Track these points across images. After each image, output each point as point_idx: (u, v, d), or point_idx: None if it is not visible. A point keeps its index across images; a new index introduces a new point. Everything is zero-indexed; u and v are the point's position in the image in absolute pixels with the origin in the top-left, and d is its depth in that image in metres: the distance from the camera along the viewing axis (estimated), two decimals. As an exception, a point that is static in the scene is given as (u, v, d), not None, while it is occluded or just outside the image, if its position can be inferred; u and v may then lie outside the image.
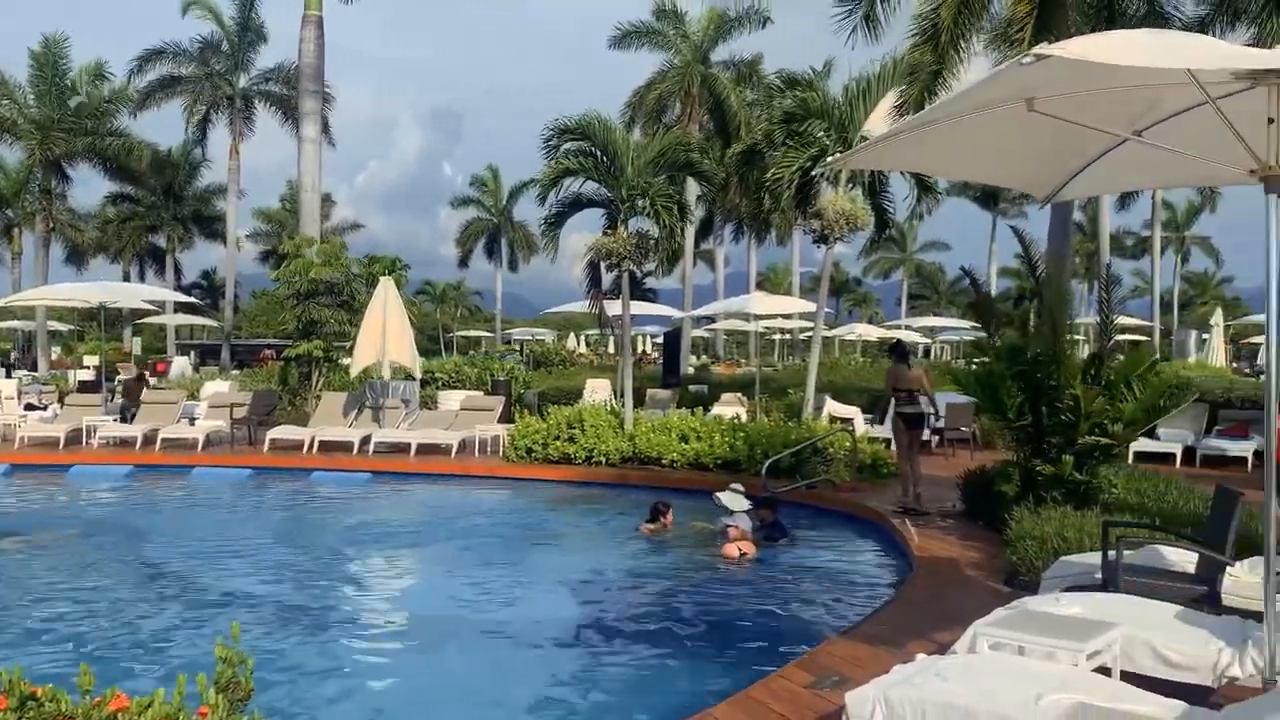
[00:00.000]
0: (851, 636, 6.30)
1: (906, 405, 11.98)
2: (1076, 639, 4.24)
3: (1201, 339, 33.42)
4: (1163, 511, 8.18)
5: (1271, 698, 3.65)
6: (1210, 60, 3.49)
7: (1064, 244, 15.88)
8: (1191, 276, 68.31)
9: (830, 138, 14.58)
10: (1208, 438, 15.58)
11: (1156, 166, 5.41)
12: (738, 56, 34.57)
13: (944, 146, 5.06)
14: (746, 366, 35.35)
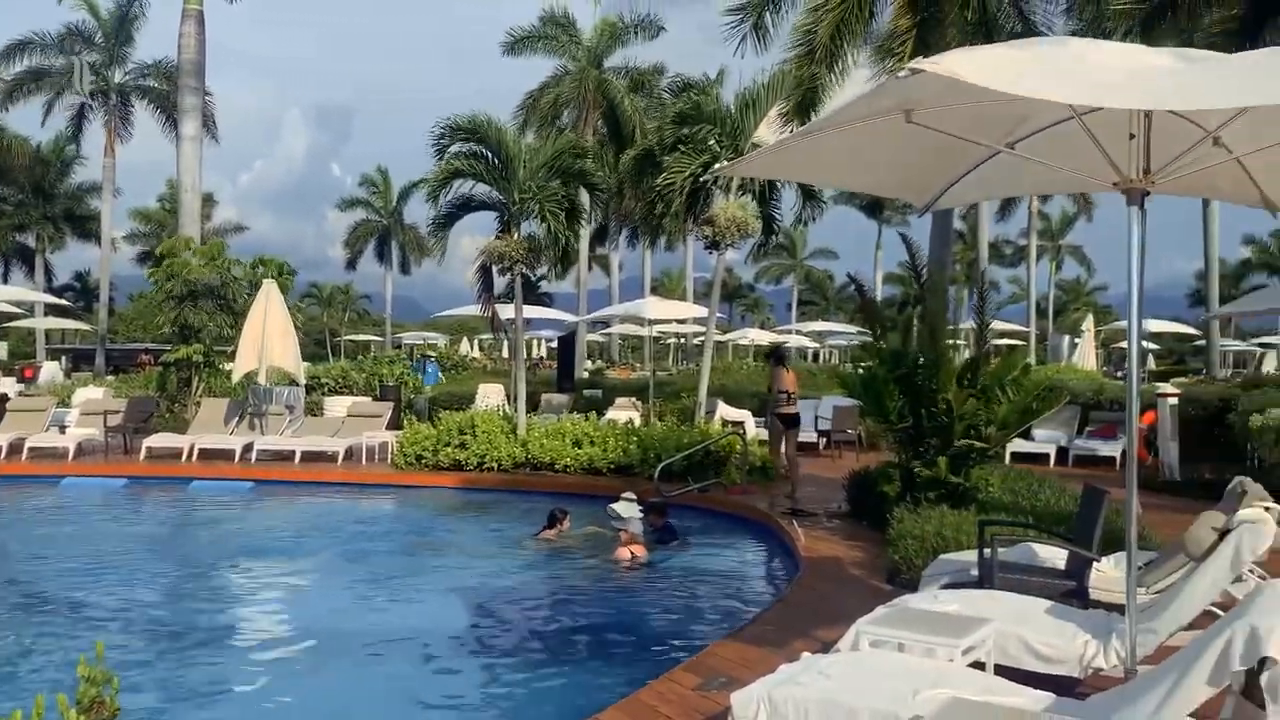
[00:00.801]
0: (739, 637, 6.37)
1: (786, 406, 12.60)
2: (952, 635, 4.37)
3: (1074, 344, 34.88)
4: (1036, 510, 8.50)
5: (1130, 686, 3.82)
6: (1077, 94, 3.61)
7: (944, 251, 16.41)
8: (1065, 284, 71.21)
9: (722, 145, 14.76)
10: (1079, 438, 16.29)
11: (1031, 175, 5.61)
12: (632, 63, 34.75)
13: (829, 156, 5.14)
14: (641, 371, 35.50)
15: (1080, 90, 3.56)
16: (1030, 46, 4.17)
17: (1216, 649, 3.22)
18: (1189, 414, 15.30)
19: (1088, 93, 3.57)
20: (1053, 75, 3.59)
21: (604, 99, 32.47)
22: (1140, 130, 4.12)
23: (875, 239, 56.67)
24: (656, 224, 16.64)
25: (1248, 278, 57.46)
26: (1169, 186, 5.12)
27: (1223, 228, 28.84)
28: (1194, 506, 5.62)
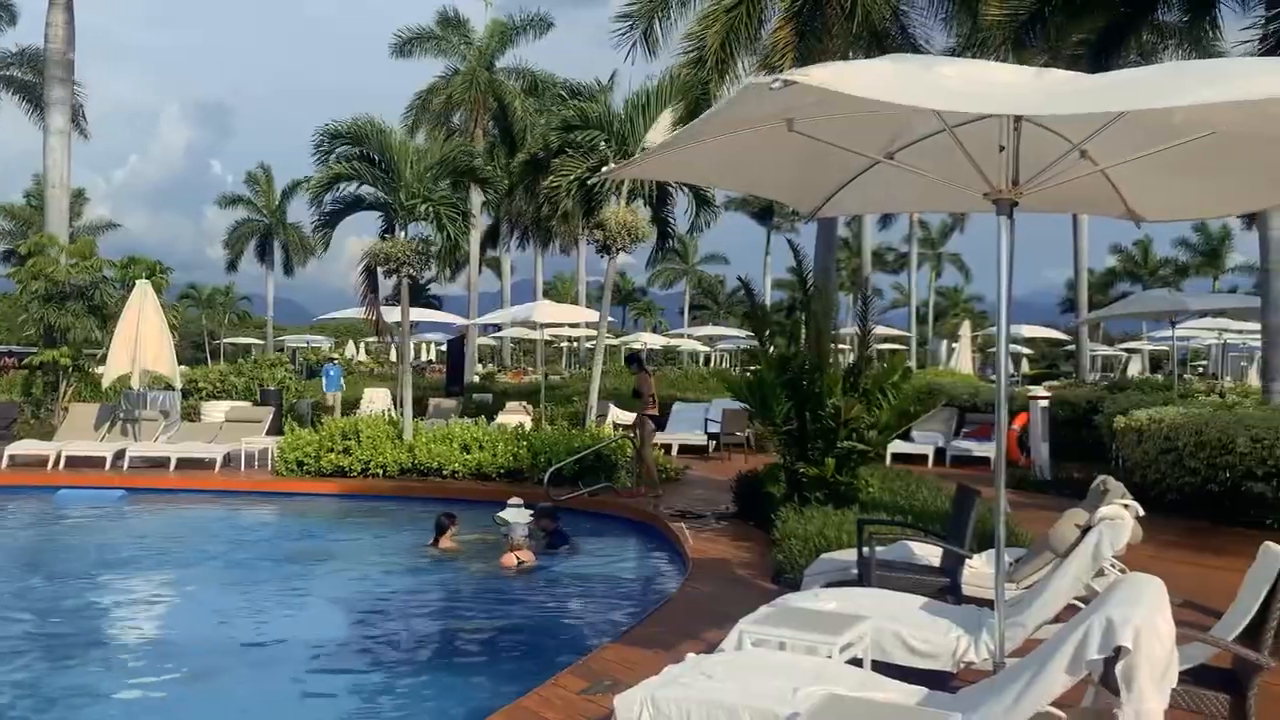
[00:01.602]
0: (626, 640, 6.39)
1: (651, 408, 13.35)
2: (831, 633, 4.46)
3: (951, 348, 36.07)
4: (914, 509, 8.76)
5: (998, 678, 3.96)
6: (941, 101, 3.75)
7: (829, 258, 16.77)
8: (945, 290, 73.63)
9: (611, 149, 14.80)
10: (956, 439, 16.85)
11: (910, 189, 5.76)
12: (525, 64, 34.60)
13: (721, 159, 5.19)
14: (533, 374, 35.33)
15: (942, 98, 3.69)
16: (900, 61, 4.29)
17: (1075, 640, 3.36)
18: (1059, 416, 16.00)
19: (945, 100, 3.71)
20: (919, 86, 3.71)
21: (495, 100, 32.26)
22: (1009, 143, 4.28)
23: (765, 245, 57.65)
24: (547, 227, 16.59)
25: (1115, 286, 60.41)
26: (1041, 203, 5.36)
27: (1091, 239, 30.30)
28: (1063, 504, 5.87)
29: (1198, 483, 10.96)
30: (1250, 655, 3.92)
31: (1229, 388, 22.47)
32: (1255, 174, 4.64)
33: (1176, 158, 4.39)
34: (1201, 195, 5.14)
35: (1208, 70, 4.15)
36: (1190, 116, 4.00)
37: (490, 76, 32.42)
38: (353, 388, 25.17)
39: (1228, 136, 4.07)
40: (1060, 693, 3.38)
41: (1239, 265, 55.39)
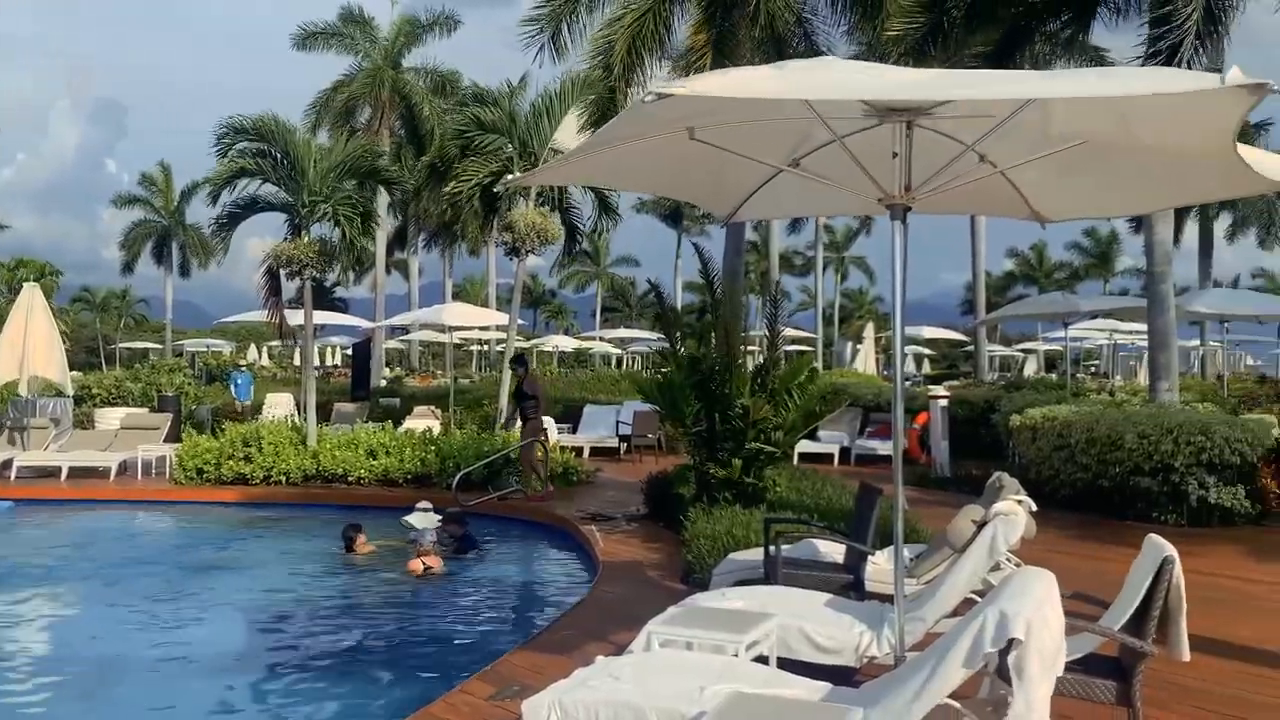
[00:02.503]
0: (535, 645, 6.36)
1: (541, 408, 13.55)
2: (737, 631, 4.51)
3: (856, 349, 36.79)
4: (819, 507, 8.90)
5: (898, 672, 4.05)
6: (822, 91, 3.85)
7: (737, 261, 16.92)
8: (850, 293, 75.06)
9: (514, 152, 14.73)
10: (861, 439, 17.19)
11: (815, 194, 5.86)
12: (432, 64, 34.17)
13: (635, 164, 5.20)
14: (442, 378, 34.92)
15: (810, 90, 3.80)
16: (783, 66, 4.37)
17: (971, 633, 3.45)
18: (958, 415, 16.44)
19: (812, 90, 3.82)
20: (795, 83, 3.82)
21: (402, 100, 31.80)
22: (902, 149, 4.39)
23: (676, 248, 58.01)
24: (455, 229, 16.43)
25: (1011, 288, 62.45)
26: (952, 202, 5.51)
27: (989, 243, 31.23)
28: (962, 501, 6.03)
29: (1089, 478, 11.38)
30: (1134, 643, 4.09)
31: (1119, 386, 23.39)
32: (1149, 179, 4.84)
33: (1074, 162, 4.57)
34: (1101, 195, 5.34)
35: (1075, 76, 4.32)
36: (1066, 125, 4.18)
37: (397, 75, 31.95)
38: (255, 393, 24.54)
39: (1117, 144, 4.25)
40: (958, 684, 3.46)
41: (1128, 268, 57.77)
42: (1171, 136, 4.06)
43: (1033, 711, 3.35)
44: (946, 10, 14.68)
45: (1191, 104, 3.55)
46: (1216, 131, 3.58)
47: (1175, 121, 3.91)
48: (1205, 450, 10.49)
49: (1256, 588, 8.10)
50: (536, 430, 13.37)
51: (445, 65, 34.35)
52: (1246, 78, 3.02)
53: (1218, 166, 3.91)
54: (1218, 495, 10.55)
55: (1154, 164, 4.37)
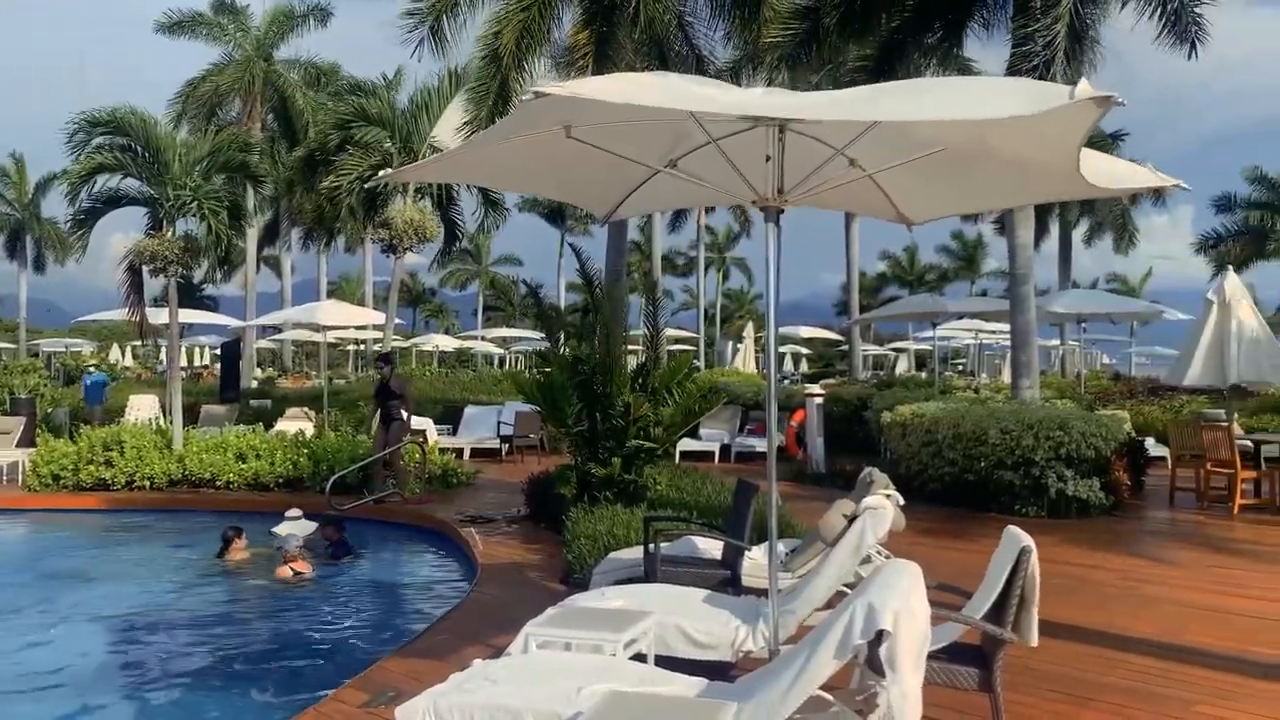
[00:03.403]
0: (410, 650, 6.24)
1: (409, 408, 13.37)
2: (615, 630, 4.52)
3: (737, 348, 37.32)
4: (699, 505, 8.99)
5: (771, 665, 4.12)
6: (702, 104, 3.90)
7: (619, 261, 17.00)
8: (731, 293, 76.16)
9: (394, 147, 14.45)
10: (741, 436, 17.47)
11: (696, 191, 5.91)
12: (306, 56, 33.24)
13: (512, 163, 5.15)
14: (316, 379, 33.99)
15: (694, 103, 3.85)
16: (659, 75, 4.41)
17: (841, 626, 3.54)
18: (834, 412, 16.87)
19: (697, 103, 3.87)
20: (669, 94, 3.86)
21: (275, 92, 30.85)
22: (775, 152, 4.47)
23: (559, 247, 57.82)
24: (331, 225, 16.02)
25: (884, 289, 64.42)
26: (826, 201, 5.62)
27: (863, 245, 32.12)
28: (837, 496, 6.15)
29: (956, 473, 11.81)
30: (995, 631, 4.26)
31: (984, 384, 24.36)
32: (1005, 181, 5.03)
33: (935, 166, 4.72)
34: (959, 196, 5.53)
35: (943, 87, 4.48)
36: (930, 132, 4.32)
37: (268, 67, 30.97)
38: (117, 395, 23.42)
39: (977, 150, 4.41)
40: (829, 675, 3.54)
41: (993, 270, 60.21)
42: (1027, 144, 4.23)
43: (905, 700, 3.44)
44: (821, 19, 15.03)
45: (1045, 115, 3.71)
46: (1068, 138, 3.75)
47: (1031, 130, 4.08)
48: (1063, 445, 11.01)
49: (1106, 575, 8.53)
50: (404, 430, 13.17)
51: (321, 58, 33.51)
52: (1094, 91, 3.18)
53: (1067, 172, 4.10)
54: (1075, 488, 11.08)
55: (1011, 168, 4.54)
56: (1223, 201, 36.52)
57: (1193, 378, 12.73)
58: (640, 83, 4.28)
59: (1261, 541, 10.10)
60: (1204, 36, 14.96)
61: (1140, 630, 6.63)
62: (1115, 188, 4.20)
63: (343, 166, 14.33)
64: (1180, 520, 11.47)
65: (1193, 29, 14.86)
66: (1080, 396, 18.44)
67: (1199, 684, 5.53)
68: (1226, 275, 13.17)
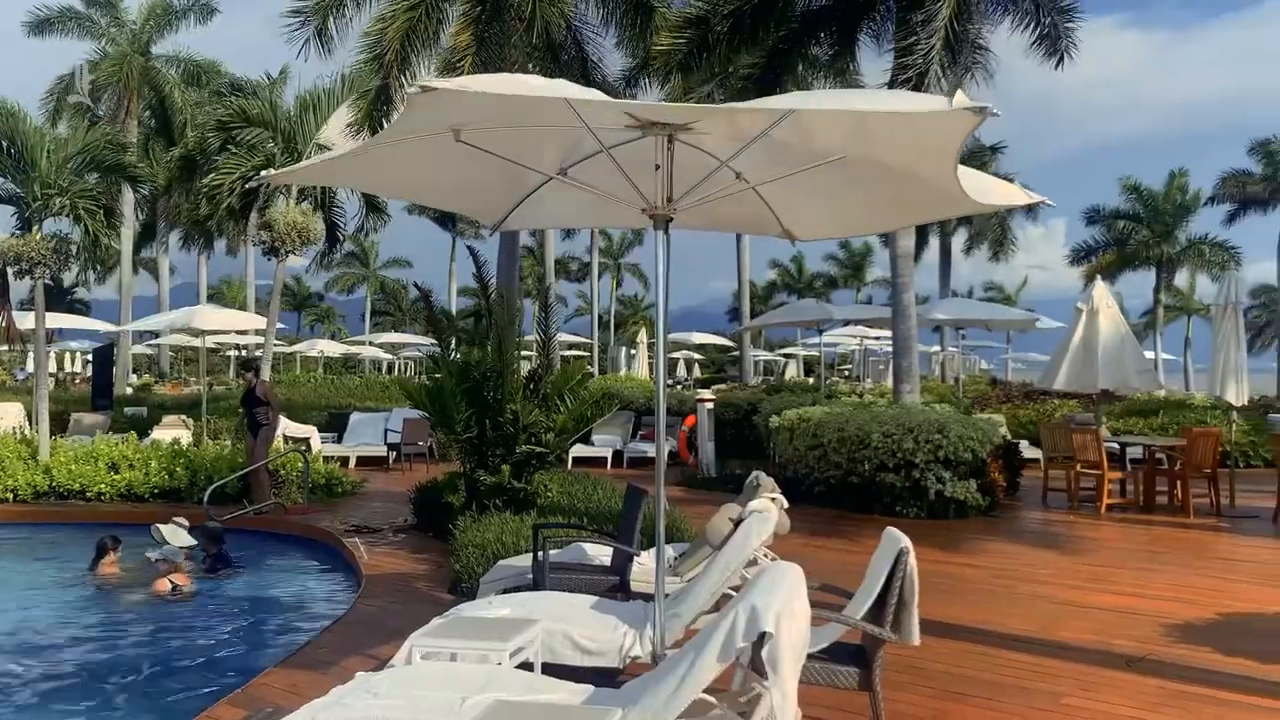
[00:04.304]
0: (291, 664, 6.07)
1: (276, 415, 13.13)
2: (501, 639, 4.48)
3: (631, 354, 37.52)
4: (590, 510, 9.00)
5: (659, 670, 4.13)
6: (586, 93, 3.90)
7: (512, 266, 16.91)
8: (626, 299, 76.49)
9: (278, 148, 14.07)
10: (633, 441, 17.53)
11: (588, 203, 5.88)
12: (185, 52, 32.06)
13: (397, 170, 5.04)
14: (196, 385, 32.80)
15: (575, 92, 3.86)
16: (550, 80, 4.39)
17: (724, 629, 3.57)
18: (725, 417, 17.09)
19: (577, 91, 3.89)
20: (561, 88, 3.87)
21: (152, 89, 29.72)
22: (664, 161, 4.50)
23: (450, 251, 57.16)
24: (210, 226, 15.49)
25: (774, 296, 65.55)
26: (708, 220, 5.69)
27: (754, 254, 32.70)
28: (727, 500, 6.24)
29: (841, 475, 12.09)
30: (874, 630, 4.36)
31: (868, 389, 25.01)
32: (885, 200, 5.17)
33: (821, 183, 4.82)
34: (844, 217, 5.67)
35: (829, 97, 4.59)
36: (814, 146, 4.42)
37: (145, 63, 29.81)
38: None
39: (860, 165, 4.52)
40: (713, 678, 3.57)
41: (877, 279, 61.90)
42: (907, 157, 4.36)
43: (786, 701, 3.49)
44: (711, 27, 15.22)
45: (924, 125, 3.84)
46: (944, 151, 3.88)
47: (911, 143, 4.21)
48: (942, 448, 11.36)
49: (983, 573, 8.83)
50: (271, 438, 12.85)
51: (202, 55, 32.38)
52: (970, 101, 3.31)
53: (945, 188, 4.24)
54: (953, 489, 11.45)
55: (892, 185, 4.67)
56: (1093, 214, 38.34)
57: (1062, 382, 13.32)
58: (529, 83, 4.25)
59: (1126, 540, 10.60)
60: (1074, 51, 15.71)
61: (1014, 627, 6.88)
62: (989, 203, 4.36)
63: (223, 166, 13.86)
64: (1052, 520, 11.95)
65: (1063, 43, 15.60)
66: (959, 401, 19.07)
67: (1066, 676, 5.77)
68: (1095, 285, 13.82)
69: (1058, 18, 15.56)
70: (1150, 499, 12.61)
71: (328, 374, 46.28)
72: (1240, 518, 11.83)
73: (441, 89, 3.36)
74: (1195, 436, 12.20)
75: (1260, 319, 56.46)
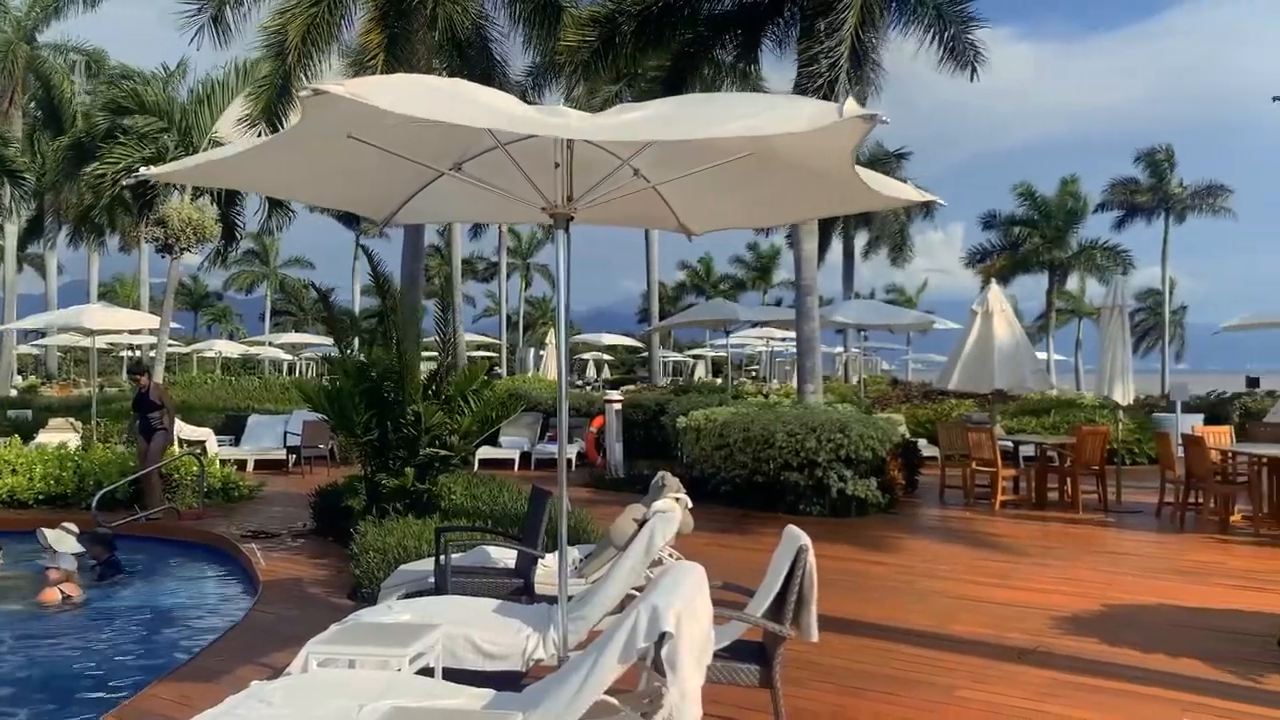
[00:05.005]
0: (182, 674, 5.87)
1: (170, 418, 12.78)
2: (400, 645, 4.40)
3: (539, 355, 37.37)
4: (494, 513, 8.91)
5: (561, 672, 4.10)
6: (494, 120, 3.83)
7: (416, 266, 16.66)
8: (535, 300, 76.13)
9: (172, 139, 13.62)
10: (542, 443, 17.45)
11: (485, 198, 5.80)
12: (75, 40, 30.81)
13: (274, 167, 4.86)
14: (85, 386, 31.53)
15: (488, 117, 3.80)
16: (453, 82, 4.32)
17: (626, 629, 3.57)
18: (634, 417, 17.13)
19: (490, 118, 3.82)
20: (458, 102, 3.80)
21: (38, 79, 28.48)
22: (563, 160, 4.48)
23: (353, 250, 56.09)
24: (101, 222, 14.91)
25: (683, 297, 66.01)
26: (610, 216, 5.66)
27: (663, 255, 32.84)
28: (635, 500, 6.24)
29: (746, 474, 12.22)
30: (774, 628, 4.41)
31: (774, 389, 25.35)
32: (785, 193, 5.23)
33: (721, 178, 4.85)
34: (743, 210, 5.70)
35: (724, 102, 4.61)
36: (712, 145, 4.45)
37: (31, 51, 28.55)
38: None
39: (761, 161, 4.56)
40: (614, 679, 3.56)
41: (785, 281, 62.82)
42: (804, 157, 4.41)
43: (685, 700, 3.50)
44: (618, 27, 15.24)
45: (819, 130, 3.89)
46: (839, 152, 3.95)
47: (807, 144, 4.26)
48: (843, 447, 11.58)
49: (883, 569, 9.03)
50: (166, 444, 12.46)
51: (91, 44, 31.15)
52: (860, 109, 3.37)
53: (841, 183, 4.32)
54: (854, 488, 11.67)
55: (789, 181, 4.73)
56: (989, 219, 39.55)
57: (957, 382, 13.70)
58: (431, 86, 4.17)
59: (1019, 535, 10.95)
60: (982, 61, 16.16)
61: (912, 622, 7.04)
62: (887, 195, 4.44)
63: (109, 155, 13.31)
64: (949, 516, 12.28)
65: (970, 53, 16.03)
66: (860, 401, 19.47)
67: (961, 670, 5.93)
68: (990, 288, 14.25)
69: (958, 28, 15.99)
70: (1042, 495, 13.05)
71: (226, 375, 44.94)
72: (1126, 513, 12.32)
73: (335, 93, 3.27)
74: (1084, 435, 12.66)
75: (1147, 322, 59.00)
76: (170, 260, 14.38)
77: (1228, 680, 5.73)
